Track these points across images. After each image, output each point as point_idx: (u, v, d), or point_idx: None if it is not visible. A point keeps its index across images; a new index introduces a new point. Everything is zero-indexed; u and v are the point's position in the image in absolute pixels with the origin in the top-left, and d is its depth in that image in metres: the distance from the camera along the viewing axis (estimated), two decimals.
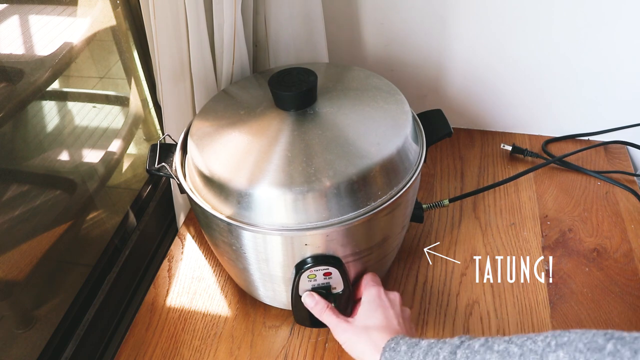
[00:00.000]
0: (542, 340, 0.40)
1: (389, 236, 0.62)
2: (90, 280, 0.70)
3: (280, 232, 0.54)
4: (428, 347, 0.47)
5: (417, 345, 0.48)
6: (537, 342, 0.40)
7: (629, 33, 0.79)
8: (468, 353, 0.44)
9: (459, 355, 0.44)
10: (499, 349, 0.42)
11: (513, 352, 0.41)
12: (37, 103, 0.64)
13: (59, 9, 0.67)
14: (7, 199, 0.58)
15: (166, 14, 0.63)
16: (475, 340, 0.44)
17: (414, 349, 0.48)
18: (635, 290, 0.69)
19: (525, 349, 0.40)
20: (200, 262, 0.78)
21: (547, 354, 0.38)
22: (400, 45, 0.89)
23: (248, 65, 0.76)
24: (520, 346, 0.41)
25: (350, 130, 0.58)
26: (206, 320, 0.70)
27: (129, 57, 0.80)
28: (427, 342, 0.48)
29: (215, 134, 0.60)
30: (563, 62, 0.84)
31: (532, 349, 0.40)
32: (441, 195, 0.85)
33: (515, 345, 0.41)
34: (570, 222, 0.79)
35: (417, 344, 0.48)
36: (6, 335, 0.60)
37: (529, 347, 0.40)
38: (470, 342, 0.44)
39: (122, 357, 0.66)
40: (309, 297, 0.60)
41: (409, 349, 0.48)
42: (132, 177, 0.84)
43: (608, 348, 0.35)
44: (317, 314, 0.59)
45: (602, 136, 0.91)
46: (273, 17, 0.77)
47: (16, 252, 0.60)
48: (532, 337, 0.41)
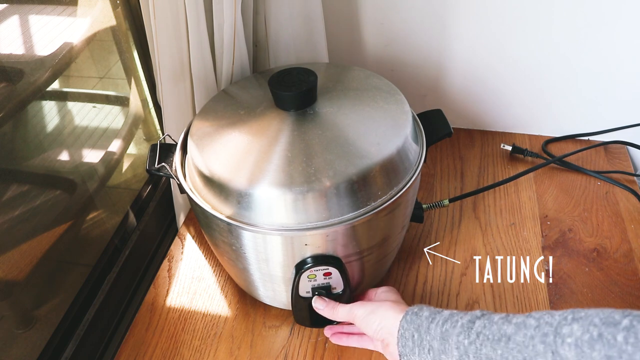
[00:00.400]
0: (560, 315, 0.40)
1: (389, 236, 0.62)
2: (90, 280, 0.70)
3: (280, 232, 0.54)
4: (450, 315, 0.49)
5: (440, 313, 0.50)
6: (554, 316, 0.41)
7: (629, 33, 0.79)
8: (486, 323, 0.45)
9: (477, 324, 0.45)
10: (517, 322, 0.43)
11: (530, 323, 0.42)
12: (37, 103, 0.64)
13: (59, 9, 0.67)
14: (7, 199, 0.58)
15: (166, 14, 0.63)
16: (495, 315, 0.46)
17: (436, 315, 0.49)
18: (635, 290, 0.69)
19: (542, 321, 0.41)
20: (200, 262, 0.78)
21: (561, 326, 0.39)
22: (400, 45, 0.89)
23: (248, 65, 0.76)
24: (538, 319, 0.42)
25: (350, 130, 0.58)
26: (206, 320, 0.70)
27: (129, 57, 0.80)
28: (449, 312, 0.50)
29: (215, 134, 0.60)
30: (563, 62, 0.84)
31: (548, 322, 0.40)
32: (441, 195, 0.85)
33: (533, 319, 0.42)
34: (570, 222, 0.79)
35: (440, 312, 0.50)
36: (6, 335, 0.60)
37: (545, 320, 0.41)
38: (491, 315, 0.46)
39: (122, 357, 0.66)
40: (319, 300, 0.60)
41: (430, 314, 0.50)
42: (132, 177, 0.84)
43: (624, 323, 0.36)
44: (329, 314, 0.59)
45: (602, 136, 0.91)
46: (273, 17, 0.77)
47: (16, 252, 0.60)
48: (551, 312, 0.42)
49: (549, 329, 0.40)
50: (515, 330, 0.42)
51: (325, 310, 0.59)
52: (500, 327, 0.43)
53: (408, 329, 0.50)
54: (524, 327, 0.42)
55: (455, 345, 0.46)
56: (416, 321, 0.50)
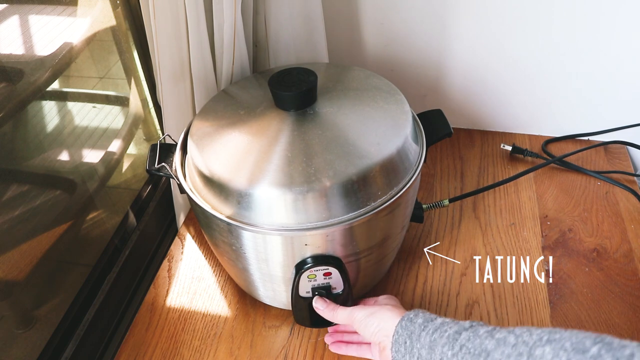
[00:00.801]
0: (538, 334, 0.41)
1: (389, 236, 0.62)
2: (90, 280, 0.70)
3: (280, 232, 0.54)
4: (441, 324, 0.49)
5: (432, 322, 0.50)
6: (532, 335, 0.41)
7: (629, 33, 0.79)
8: (471, 336, 0.45)
9: (462, 336, 0.46)
10: (499, 337, 0.43)
11: (509, 341, 0.42)
12: (37, 103, 0.64)
13: (59, 9, 0.67)
14: (7, 199, 0.58)
15: (166, 14, 0.63)
16: (482, 327, 0.46)
17: (428, 323, 0.50)
18: (635, 290, 0.69)
19: (520, 340, 0.41)
20: (200, 262, 0.78)
21: (535, 347, 0.40)
22: (400, 45, 0.89)
23: (248, 65, 0.76)
24: (518, 336, 0.42)
25: (350, 130, 0.58)
26: (206, 321, 0.70)
27: (129, 57, 0.80)
28: (441, 320, 0.50)
29: (215, 134, 0.60)
30: (563, 62, 0.84)
31: (525, 341, 0.41)
32: (441, 195, 0.85)
33: (514, 336, 0.42)
34: (570, 222, 0.79)
35: (433, 320, 0.50)
36: (6, 335, 0.60)
37: (523, 339, 0.41)
38: (478, 328, 0.46)
39: (122, 357, 0.66)
40: (319, 300, 0.60)
41: (424, 322, 0.50)
42: (132, 177, 0.84)
43: (592, 351, 0.36)
44: (329, 316, 0.60)
45: (602, 136, 0.91)
46: (273, 17, 0.77)
47: (16, 252, 0.60)
48: (532, 330, 0.42)
49: (524, 348, 0.40)
50: (495, 347, 0.42)
51: (326, 312, 0.60)
52: (482, 342, 0.44)
53: (402, 335, 0.51)
54: (504, 344, 0.42)
55: (439, 356, 0.46)
56: (410, 327, 0.51)
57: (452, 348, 0.45)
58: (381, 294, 0.64)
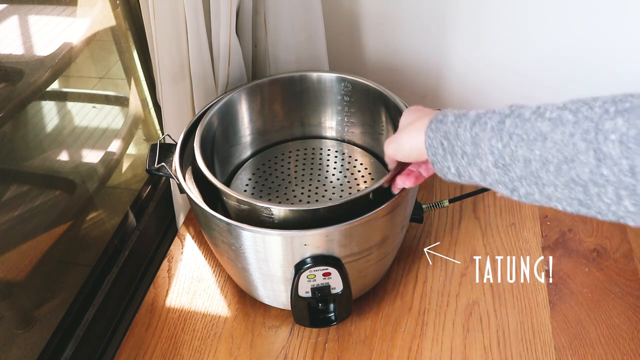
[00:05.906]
0: (600, 107, 0.36)
1: (389, 236, 0.62)
2: (90, 281, 0.70)
3: (279, 232, 0.54)
4: (476, 117, 0.44)
5: (465, 116, 0.45)
6: (594, 109, 0.36)
7: (629, 34, 0.78)
8: (517, 122, 0.40)
9: (507, 124, 0.41)
10: (551, 117, 0.38)
11: (567, 119, 0.37)
12: (37, 103, 0.64)
13: (58, 9, 0.67)
14: (7, 199, 0.58)
15: (166, 14, 0.63)
16: (525, 109, 0.41)
17: (462, 119, 0.45)
18: (635, 290, 0.69)
19: (580, 116, 0.37)
20: (200, 262, 0.78)
21: (603, 122, 0.35)
22: (400, 46, 0.89)
23: (244, 66, 0.76)
24: (575, 113, 0.37)
25: None
26: (206, 321, 0.70)
27: (129, 57, 0.80)
28: (475, 113, 0.45)
29: None
30: (563, 64, 0.84)
31: (588, 116, 0.36)
32: (441, 195, 0.85)
33: (570, 112, 0.38)
34: (570, 222, 0.79)
35: (465, 115, 0.45)
36: (6, 335, 0.60)
37: (584, 114, 0.36)
38: (521, 111, 0.41)
39: (122, 357, 0.66)
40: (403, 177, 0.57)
41: (456, 119, 0.45)
42: (132, 177, 0.84)
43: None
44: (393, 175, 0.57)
45: None
46: (273, 17, 0.77)
47: (16, 252, 0.60)
48: (589, 103, 0.37)
49: (589, 124, 0.36)
50: (552, 128, 0.38)
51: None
52: (533, 125, 0.39)
53: (435, 138, 0.47)
54: (561, 123, 0.37)
55: (489, 150, 0.42)
56: (442, 128, 0.46)
57: (500, 139, 0.41)
58: (381, 294, 0.64)
